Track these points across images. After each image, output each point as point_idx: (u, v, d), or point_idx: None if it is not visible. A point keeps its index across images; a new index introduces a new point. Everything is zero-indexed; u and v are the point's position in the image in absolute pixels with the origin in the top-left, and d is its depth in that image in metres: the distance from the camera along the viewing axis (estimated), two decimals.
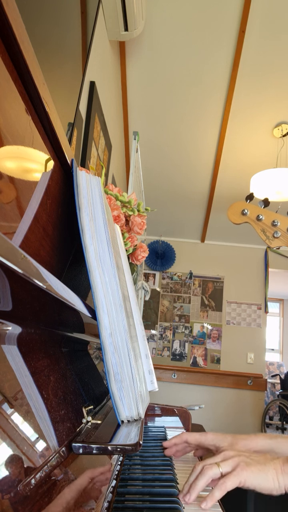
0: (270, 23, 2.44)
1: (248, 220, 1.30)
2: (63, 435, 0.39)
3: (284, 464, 0.57)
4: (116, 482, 0.60)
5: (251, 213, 1.29)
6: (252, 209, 1.30)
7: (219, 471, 0.58)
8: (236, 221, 1.31)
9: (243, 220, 1.30)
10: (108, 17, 2.13)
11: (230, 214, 1.31)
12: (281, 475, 0.56)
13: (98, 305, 0.51)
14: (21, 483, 0.27)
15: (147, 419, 1.16)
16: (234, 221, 1.31)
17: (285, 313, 7.28)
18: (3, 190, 0.39)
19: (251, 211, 1.29)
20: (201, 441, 0.74)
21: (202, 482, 0.57)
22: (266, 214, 1.29)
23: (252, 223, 1.30)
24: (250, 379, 4.21)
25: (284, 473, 0.56)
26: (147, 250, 1.08)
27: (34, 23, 1.15)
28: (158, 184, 3.77)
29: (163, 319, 4.49)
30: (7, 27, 0.37)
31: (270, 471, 0.56)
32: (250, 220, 1.29)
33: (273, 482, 0.56)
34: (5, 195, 0.39)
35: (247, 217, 1.29)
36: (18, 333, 0.36)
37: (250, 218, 1.29)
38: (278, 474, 0.56)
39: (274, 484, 0.56)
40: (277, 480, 0.56)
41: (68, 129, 1.64)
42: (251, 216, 1.29)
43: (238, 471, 0.56)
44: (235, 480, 0.56)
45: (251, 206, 1.30)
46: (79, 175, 0.59)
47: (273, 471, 0.56)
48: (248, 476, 0.56)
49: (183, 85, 2.84)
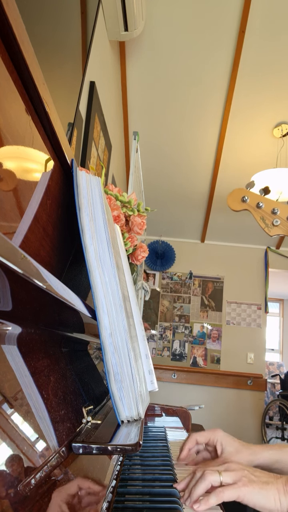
0: (270, 23, 2.44)
1: (248, 207, 1.27)
2: (63, 435, 0.39)
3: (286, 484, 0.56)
4: (116, 482, 0.60)
5: (251, 201, 1.27)
6: (252, 197, 1.27)
7: (220, 479, 0.57)
8: (235, 208, 1.28)
9: (242, 207, 1.28)
10: (108, 17, 2.13)
11: (230, 201, 1.28)
12: (283, 495, 0.55)
13: (98, 305, 0.51)
14: (21, 483, 0.27)
15: (147, 419, 1.16)
16: (234, 207, 1.28)
17: (285, 313, 7.28)
18: (3, 190, 0.39)
19: (251, 198, 1.27)
20: (210, 437, 0.72)
21: (203, 486, 0.57)
22: (266, 202, 1.27)
23: (251, 211, 1.27)
24: (250, 379, 4.21)
25: (286, 493, 0.55)
26: (147, 250, 1.08)
27: (34, 23, 1.15)
28: (158, 184, 3.77)
29: (163, 319, 4.49)
30: (7, 27, 0.37)
31: (272, 491, 0.55)
32: (250, 207, 1.27)
33: (275, 502, 0.54)
34: (5, 195, 0.39)
35: (247, 204, 1.27)
36: (18, 333, 0.36)
37: (250, 205, 1.27)
38: (281, 494, 0.55)
39: (276, 505, 0.55)
40: (279, 500, 0.55)
41: (68, 129, 1.64)
42: (251, 204, 1.27)
43: (239, 485, 0.55)
44: (234, 492, 0.55)
45: (251, 194, 1.28)
46: (79, 175, 0.59)
47: (275, 491, 0.55)
48: (248, 492, 0.55)
49: (183, 85, 2.84)
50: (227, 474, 0.57)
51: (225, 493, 0.54)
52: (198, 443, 0.75)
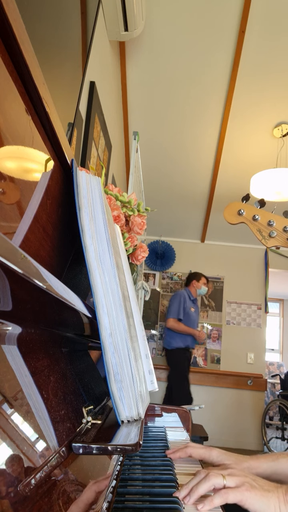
0: (270, 23, 2.44)
1: (244, 220, 1.31)
2: (63, 435, 0.39)
3: (287, 493, 0.57)
4: (116, 482, 0.60)
5: (247, 213, 1.30)
6: (248, 209, 1.31)
7: (223, 483, 0.58)
8: (232, 221, 1.32)
9: (239, 220, 1.31)
10: (108, 17, 2.13)
11: (226, 215, 1.32)
12: (283, 504, 0.56)
13: (98, 305, 0.51)
14: (21, 483, 0.27)
15: (147, 419, 1.16)
16: (230, 221, 1.32)
17: (285, 313, 7.28)
18: (3, 190, 0.39)
19: (247, 211, 1.30)
20: (205, 457, 0.74)
21: (205, 486, 0.58)
22: (262, 214, 1.30)
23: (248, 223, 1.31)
24: (250, 379, 4.21)
25: (286, 503, 0.56)
26: (147, 250, 1.08)
27: (34, 23, 1.15)
28: (158, 184, 3.77)
29: (163, 319, 4.48)
30: (7, 27, 0.37)
31: (273, 499, 0.57)
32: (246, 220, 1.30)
33: (275, 510, 0.56)
34: (5, 195, 0.39)
35: (243, 217, 1.30)
36: (18, 333, 0.36)
37: (246, 218, 1.30)
38: (281, 503, 0.56)
39: None
40: (279, 508, 0.56)
41: (68, 129, 1.64)
42: (247, 216, 1.30)
43: (242, 489, 0.57)
44: (237, 495, 0.56)
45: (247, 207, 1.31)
46: (79, 175, 0.59)
47: (276, 500, 0.57)
48: (250, 497, 0.56)
49: (183, 85, 2.84)
50: (231, 478, 0.59)
51: (229, 495, 0.56)
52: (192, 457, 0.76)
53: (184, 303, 3.83)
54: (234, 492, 0.56)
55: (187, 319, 3.80)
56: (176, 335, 3.81)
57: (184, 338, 3.78)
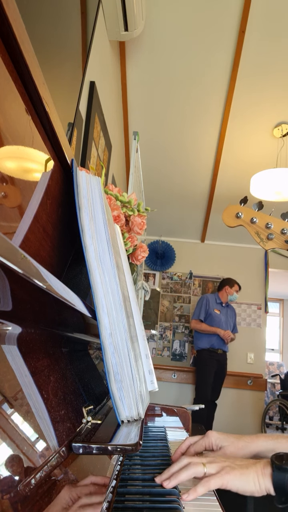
0: (270, 23, 2.44)
1: (242, 223, 1.32)
2: (63, 435, 0.39)
3: (264, 467, 0.60)
4: (116, 482, 0.60)
5: (245, 216, 1.31)
6: (246, 212, 1.32)
7: (204, 471, 0.61)
8: (230, 224, 1.33)
9: (237, 223, 1.33)
10: (108, 17, 2.13)
11: (224, 218, 1.33)
12: (261, 477, 0.59)
13: (98, 305, 0.51)
14: (21, 483, 0.27)
15: (147, 419, 1.16)
16: (229, 224, 1.33)
17: (285, 313, 7.28)
18: (3, 190, 0.39)
19: (245, 214, 1.31)
20: (205, 444, 0.75)
21: (185, 475, 0.60)
22: (260, 216, 1.31)
23: (246, 226, 1.32)
24: (250, 379, 4.21)
25: (264, 476, 0.59)
26: (147, 250, 1.08)
27: (34, 23, 1.15)
28: (158, 184, 3.77)
29: (163, 319, 4.49)
30: (7, 27, 0.37)
31: (252, 474, 0.59)
32: (244, 223, 1.31)
33: (254, 484, 0.59)
34: (5, 195, 0.39)
35: (241, 220, 1.32)
36: (18, 333, 0.36)
37: (244, 221, 1.32)
38: (259, 476, 0.59)
39: (255, 487, 0.59)
40: (258, 482, 0.59)
41: (68, 129, 1.64)
42: (245, 219, 1.31)
43: (222, 473, 0.59)
44: (218, 481, 0.59)
45: (245, 209, 1.32)
46: (79, 175, 0.59)
47: (254, 474, 0.59)
48: (230, 479, 0.59)
49: (183, 85, 2.84)
50: (211, 466, 0.61)
51: (211, 482, 0.59)
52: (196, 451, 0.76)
53: (206, 305, 3.92)
54: (215, 478, 0.59)
55: (211, 320, 3.86)
56: (201, 336, 3.89)
57: (209, 339, 3.83)
